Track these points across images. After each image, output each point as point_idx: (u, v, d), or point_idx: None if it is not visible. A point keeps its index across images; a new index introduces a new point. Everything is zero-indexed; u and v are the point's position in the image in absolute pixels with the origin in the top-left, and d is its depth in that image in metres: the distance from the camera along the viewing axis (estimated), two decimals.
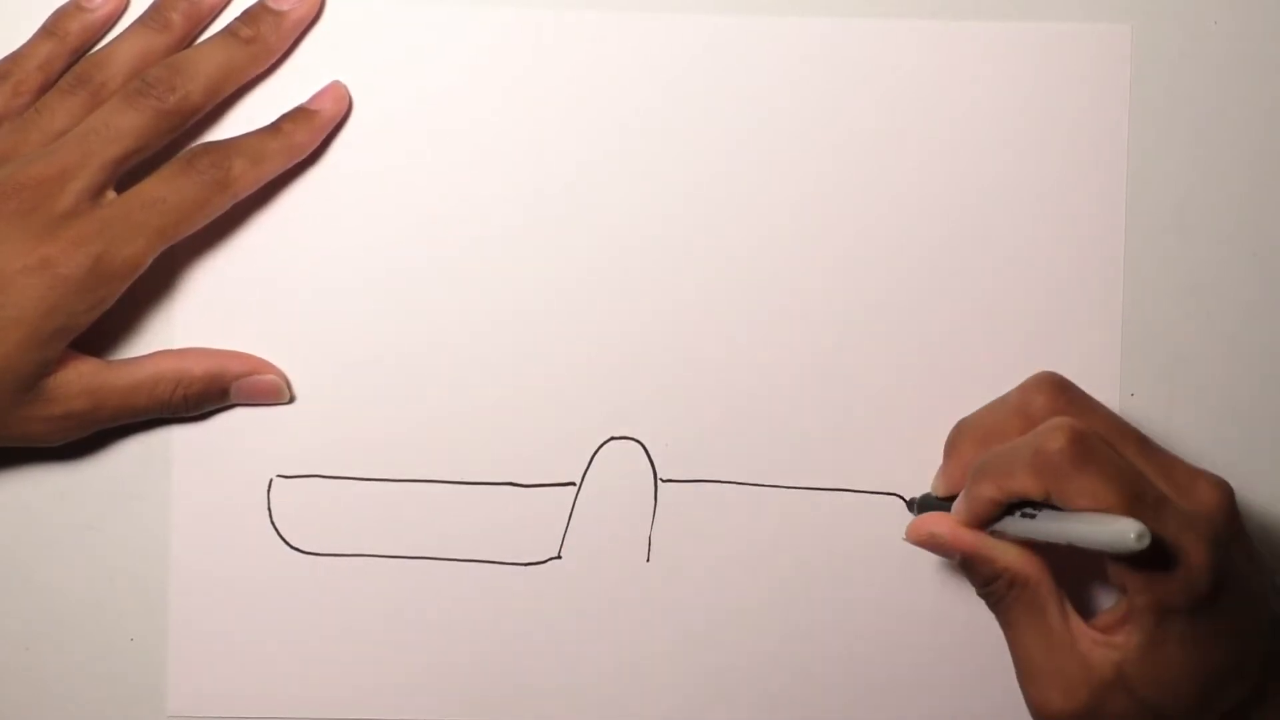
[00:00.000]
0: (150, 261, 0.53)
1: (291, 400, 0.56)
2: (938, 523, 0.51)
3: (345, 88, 0.56)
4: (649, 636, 0.57)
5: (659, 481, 0.57)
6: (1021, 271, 0.57)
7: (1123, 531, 0.45)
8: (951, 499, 0.52)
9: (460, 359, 0.57)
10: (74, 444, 0.56)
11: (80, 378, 0.53)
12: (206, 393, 0.55)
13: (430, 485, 0.57)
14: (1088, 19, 0.57)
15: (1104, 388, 0.57)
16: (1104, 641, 0.49)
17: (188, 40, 0.56)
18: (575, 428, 0.57)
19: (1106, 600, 0.54)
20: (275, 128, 0.55)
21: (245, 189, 0.54)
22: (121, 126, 0.53)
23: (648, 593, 0.57)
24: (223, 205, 0.54)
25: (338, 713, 0.57)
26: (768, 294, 0.57)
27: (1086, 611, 0.51)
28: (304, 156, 0.56)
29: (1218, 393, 0.57)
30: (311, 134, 0.55)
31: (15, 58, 0.55)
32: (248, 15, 0.55)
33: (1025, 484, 0.48)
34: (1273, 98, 0.57)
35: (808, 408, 0.57)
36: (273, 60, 0.56)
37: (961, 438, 0.52)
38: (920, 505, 0.55)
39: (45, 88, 0.55)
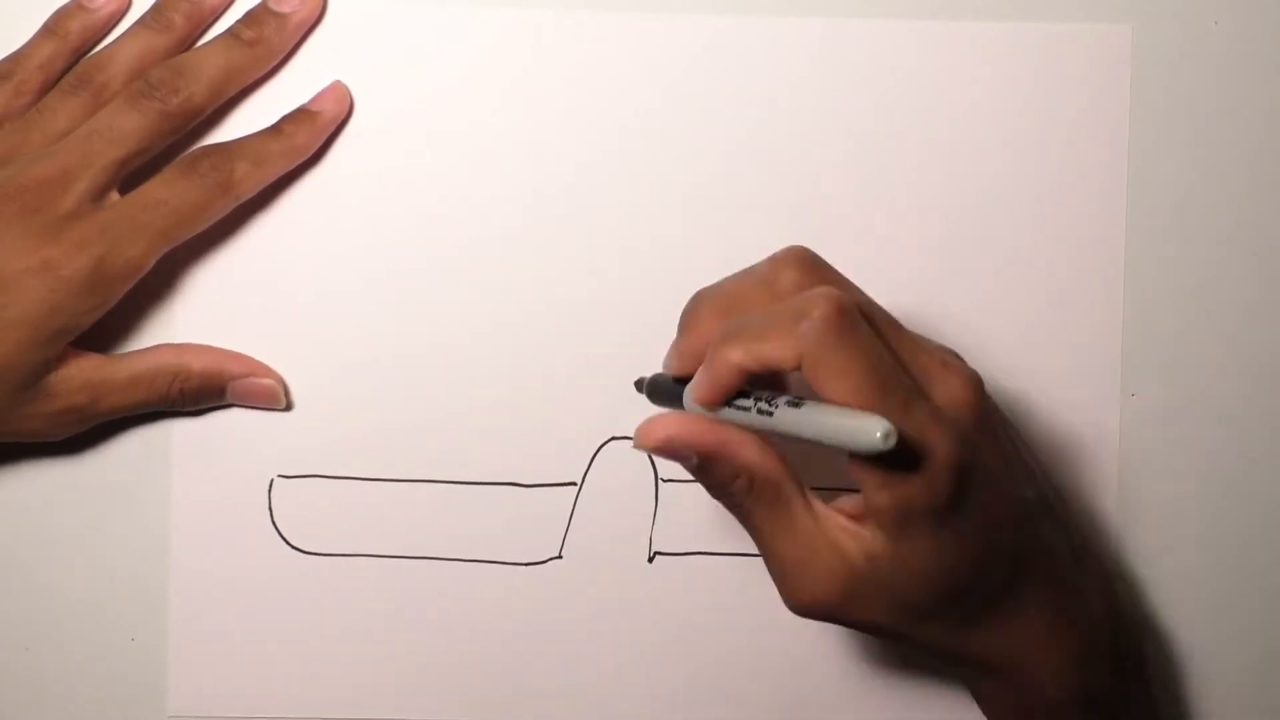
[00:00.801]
0: (152, 263, 0.53)
1: (288, 408, 0.56)
2: (673, 424, 0.46)
3: (346, 88, 0.56)
4: (649, 636, 0.57)
5: (660, 481, 0.57)
6: (1021, 271, 0.57)
7: (867, 429, 0.41)
8: (686, 380, 0.47)
9: (461, 359, 0.57)
10: (74, 444, 0.56)
11: (80, 373, 0.53)
12: (204, 390, 0.55)
13: (431, 485, 0.57)
14: (1088, 19, 0.57)
15: (1104, 388, 0.57)
16: (852, 530, 0.46)
17: (189, 41, 0.56)
18: (576, 428, 0.57)
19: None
20: (277, 129, 0.55)
21: (247, 191, 0.54)
22: (124, 128, 0.53)
23: (648, 593, 0.57)
24: (225, 207, 0.54)
25: (338, 713, 0.57)
26: None
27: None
28: (306, 158, 0.56)
29: (1218, 393, 0.57)
30: (313, 135, 0.55)
31: (16, 58, 0.55)
32: (250, 17, 0.55)
33: (779, 351, 0.44)
34: (1273, 98, 0.57)
35: None
36: (275, 62, 0.56)
37: (701, 307, 0.48)
38: (650, 386, 0.50)
39: (47, 88, 0.55)
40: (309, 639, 0.57)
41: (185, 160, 0.54)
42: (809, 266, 0.47)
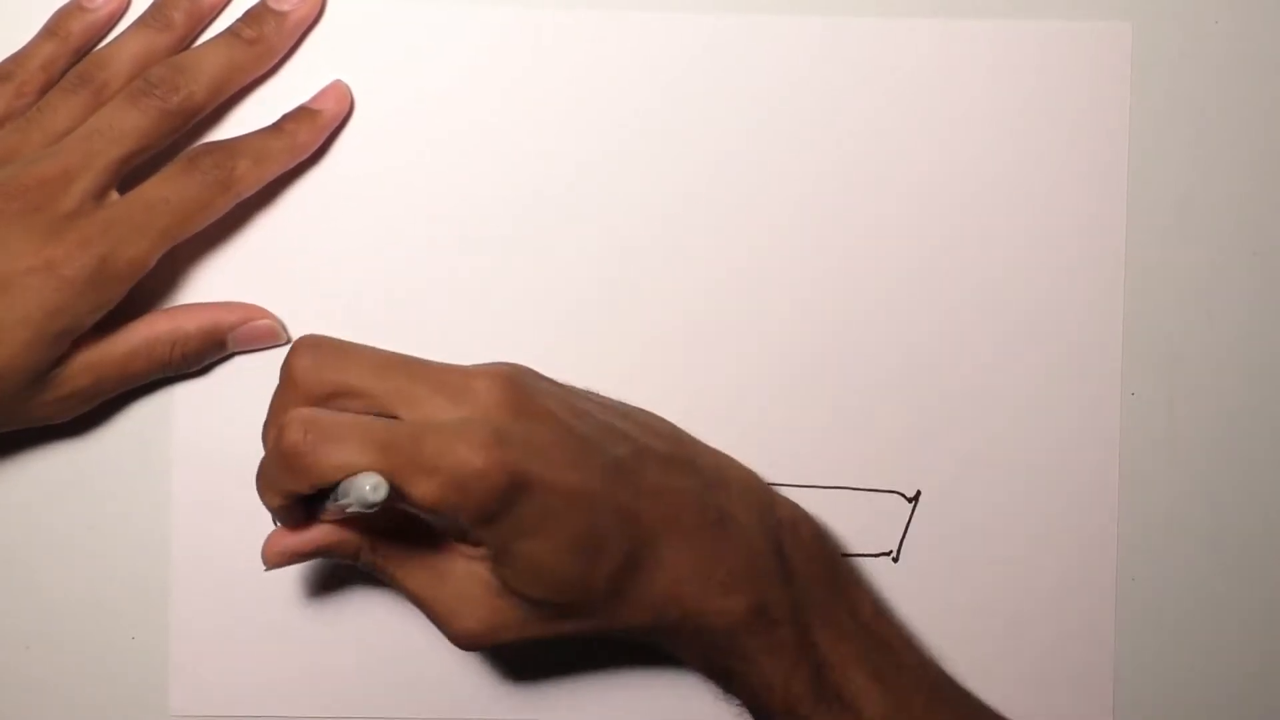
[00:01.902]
0: (154, 262, 0.53)
1: (288, 342, 0.56)
2: (281, 539, 0.50)
3: (347, 87, 0.56)
4: None
5: None
6: (1021, 270, 0.57)
7: (364, 489, 0.45)
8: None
9: (461, 358, 0.57)
10: (75, 443, 0.56)
11: (80, 356, 0.53)
12: (204, 347, 0.55)
13: None
14: (1088, 17, 0.57)
15: (1104, 388, 0.57)
16: (475, 554, 0.50)
17: (189, 39, 0.56)
18: None
19: None
20: (278, 127, 0.55)
21: (248, 189, 0.54)
22: (125, 127, 0.53)
23: None
24: (226, 205, 0.54)
25: (338, 712, 0.57)
26: (768, 293, 0.57)
27: None
28: (306, 156, 0.56)
29: (1218, 393, 0.57)
30: (314, 133, 0.55)
31: (17, 58, 0.55)
32: (250, 16, 0.55)
33: (289, 484, 0.48)
34: (1273, 96, 0.57)
35: (808, 406, 0.57)
36: (275, 60, 0.56)
37: (266, 433, 0.50)
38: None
39: (48, 88, 0.55)
40: (310, 638, 0.57)
41: (186, 158, 0.54)
42: (315, 349, 0.50)
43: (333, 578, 0.57)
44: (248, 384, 0.56)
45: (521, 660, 0.57)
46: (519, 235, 0.57)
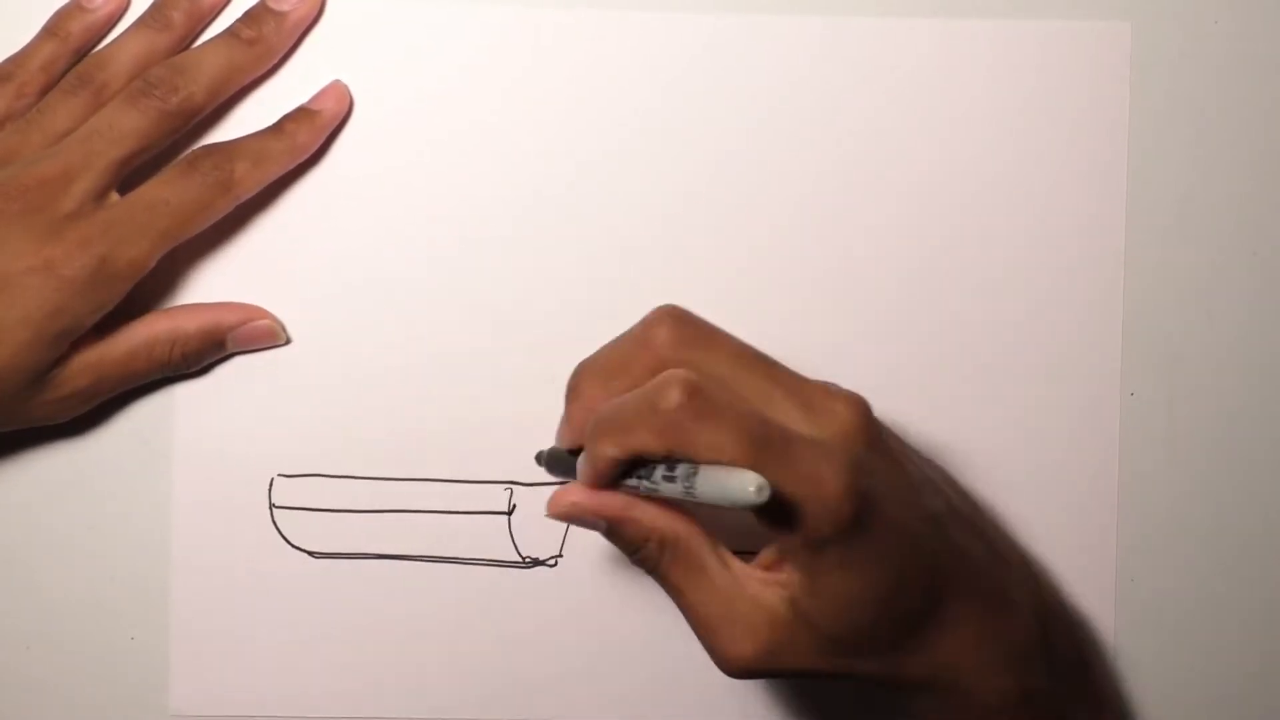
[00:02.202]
0: (154, 263, 0.53)
1: (288, 342, 0.56)
2: (577, 493, 0.48)
3: (346, 87, 0.56)
4: (649, 636, 0.57)
5: None
6: (1021, 271, 0.57)
7: (741, 486, 0.43)
8: (580, 450, 0.49)
9: (462, 358, 0.57)
10: (74, 443, 0.56)
11: (80, 356, 0.53)
12: (204, 348, 0.55)
13: (432, 484, 0.57)
14: (1087, 17, 0.57)
15: (1104, 388, 0.57)
16: (771, 580, 0.47)
17: (189, 40, 0.56)
18: None
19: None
20: (277, 128, 0.55)
21: (248, 190, 0.54)
22: (124, 127, 0.53)
23: (648, 593, 0.57)
24: (226, 206, 0.54)
25: (338, 712, 0.57)
26: (768, 293, 0.57)
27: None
28: (306, 157, 0.56)
29: (1218, 393, 0.57)
30: (313, 134, 0.55)
31: (17, 59, 0.55)
32: (249, 16, 0.55)
33: (646, 441, 0.45)
34: (1273, 96, 0.57)
35: None
36: (275, 61, 0.56)
37: (583, 379, 0.49)
38: (549, 459, 0.51)
39: (48, 89, 0.55)
40: (310, 638, 0.57)
41: (186, 159, 0.54)
42: (679, 323, 0.48)
43: (333, 579, 0.57)
44: (248, 384, 0.57)
45: (522, 659, 0.57)
46: (519, 235, 0.57)
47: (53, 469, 0.57)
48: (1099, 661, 0.57)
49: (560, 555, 0.57)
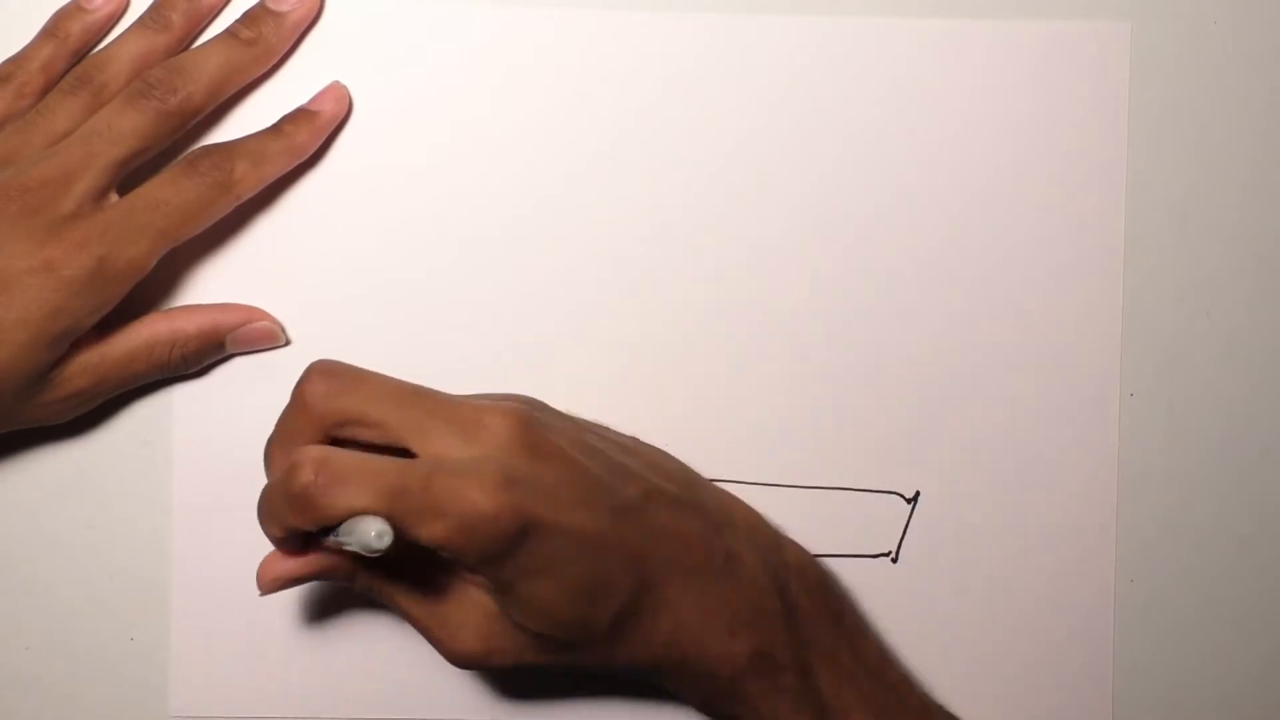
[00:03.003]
0: (154, 264, 0.53)
1: (287, 343, 0.56)
2: (276, 565, 0.50)
3: (345, 88, 0.56)
4: None
5: None
6: (1020, 270, 0.57)
7: (364, 533, 0.46)
8: None
9: (462, 358, 0.57)
10: (74, 443, 0.56)
11: (79, 358, 0.53)
12: (203, 349, 0.56)
13: None
14: (1087, 17, 0.57)
15: (1104, 388, 0.57)
16: (477, 581, 0.50)
17: (188, 40, 0.56)
18: None
19: None
20: (277, 129, 0.55)
21: (248, 190, 0.54)
22: (124, 128, 0.53)
23: None
24: (226, 207, 0.54)
25: (338, 713, 0.57)
26: (768, 293, 0.57)
27: None
28: (305, 157, 0.56)
29: (1217, 393, 0.57)
30: (313, 135, 0.55)
31: (17, 60, 0.55)
32: (248, 17, 0.55)
33: (295, 521, 0.48)
34: (1272, 96, 0.57)
35: (808, 407, 0.57)
36: (274, 61, 0.56)
37: (270, 452, 0.51)
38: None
39: (47, 89, 0.55)
40: (310, 638, 0.57)
41: (185, 160, 0.54)
42: (328, 376, 0.50)
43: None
44: (247, 385, 0.57)
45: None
46: (518, 236, 0.57)
47: (53, 469, 0.57)
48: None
49: None
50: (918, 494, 0.57)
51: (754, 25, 0.57)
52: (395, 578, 0.51)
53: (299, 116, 0.55)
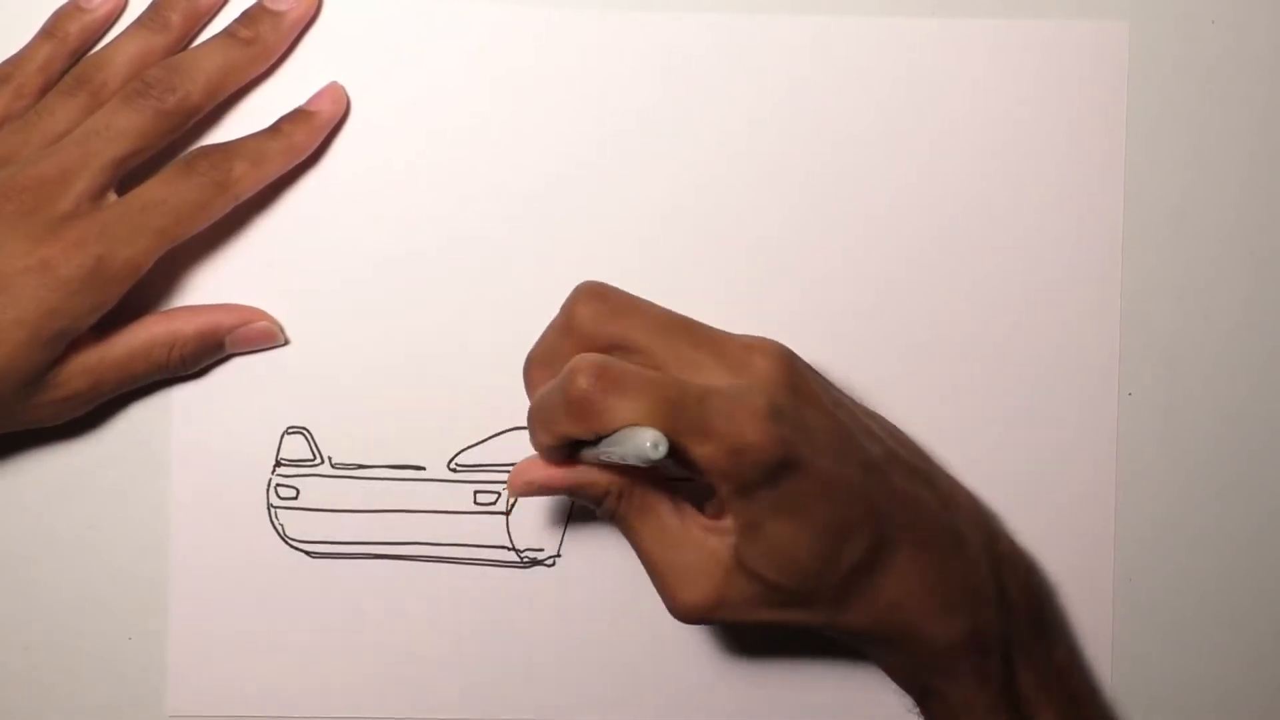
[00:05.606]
0: (151, 263, 0.53)
1: (286, 343, 0.56)
2: (531, 470, 0.51)
3: (343, 89, 0.56)
4: (649, 636, 0.57)
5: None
6: (1018, 269, 0.57)
7: (640, 443, 0.45)
8: None
9: (462, 358, 0.57)
10: (73, 443, 0.56)
11: (77, 359, 0.53)
12: (202, 350, 0.56)
13: (431, 484, 0.57)
14: (1085, 16, 0.57)
15: (1102, 388, 0.57)
16: (715, 528, 0.49)
17: (186, 40, 0.56)
18: None
19: None
20: (275, 129, 0.55)
21: (246, 190, 0.54)
22: (122, 127, 0.53)
23: (648, 593, 0.57)
24: (224, 207, 0.54)
25: (338, 712, 0.57)
26: (767, 292, 0.57)
27: None
28: (303, 158, 0.56)
29: (1215, 393, 0.57)
30: (310, 135, 0.55)
31: (16, 60, 0.56)
32: (246, 16, 0.55)
33: (569, 428, 0.48)
34: (1270, 96, 0.57)
35: None
36: (272, 61, 0.56)
37: (529, 371, 0.51)
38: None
39: (46, 89, 0.55)
40: (309, 638, 0.57)
41: (183, 160, 0.54)
42: (596, 299, 0.50)
43: (331, 578, 0.57)
44: (246, 385, 0.57)
45: (521, 659, 0.57)
46: (517, 235, 0.57)
47: (52, 469, 0.57)
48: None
49: (558, 555, 0.57)
50: None
51: (754, 25, 0.57)
52: (642, 511, 0.50)
53: (297, 116, 0.56)
